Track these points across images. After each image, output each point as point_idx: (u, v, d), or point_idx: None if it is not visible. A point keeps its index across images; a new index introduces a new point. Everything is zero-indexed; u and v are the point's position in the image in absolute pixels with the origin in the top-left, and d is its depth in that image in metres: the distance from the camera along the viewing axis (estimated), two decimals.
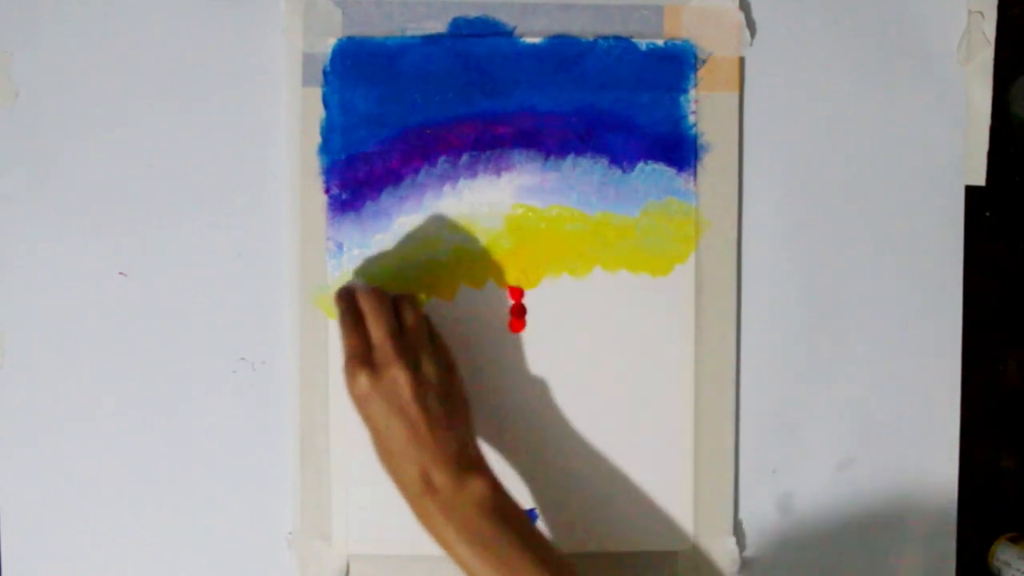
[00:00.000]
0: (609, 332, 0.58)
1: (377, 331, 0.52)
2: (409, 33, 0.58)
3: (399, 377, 0.51)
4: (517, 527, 0.51)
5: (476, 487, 0.51)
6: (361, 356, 0.52)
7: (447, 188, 0.58)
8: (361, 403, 0.52)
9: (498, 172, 0.58)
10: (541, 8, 0.58)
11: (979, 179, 0.61)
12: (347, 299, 0.54)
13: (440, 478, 0.51)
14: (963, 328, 0.60)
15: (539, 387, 0.58)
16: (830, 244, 0.60)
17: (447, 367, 0.54)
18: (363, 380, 0.52)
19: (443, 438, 0.52)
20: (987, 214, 0.61)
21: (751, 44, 0.59)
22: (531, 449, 0.58)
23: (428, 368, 0.53)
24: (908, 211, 0.60)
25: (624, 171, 0.59)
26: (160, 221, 0.58)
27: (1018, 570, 0.59)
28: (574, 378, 0.59)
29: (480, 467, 0.53)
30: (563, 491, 0.58)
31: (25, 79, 0.58)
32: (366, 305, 0.53)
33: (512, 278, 0.58)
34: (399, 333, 0.53)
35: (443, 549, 0.52)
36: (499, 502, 0.52)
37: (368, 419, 0.52)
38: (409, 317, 0.54)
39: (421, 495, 0.51)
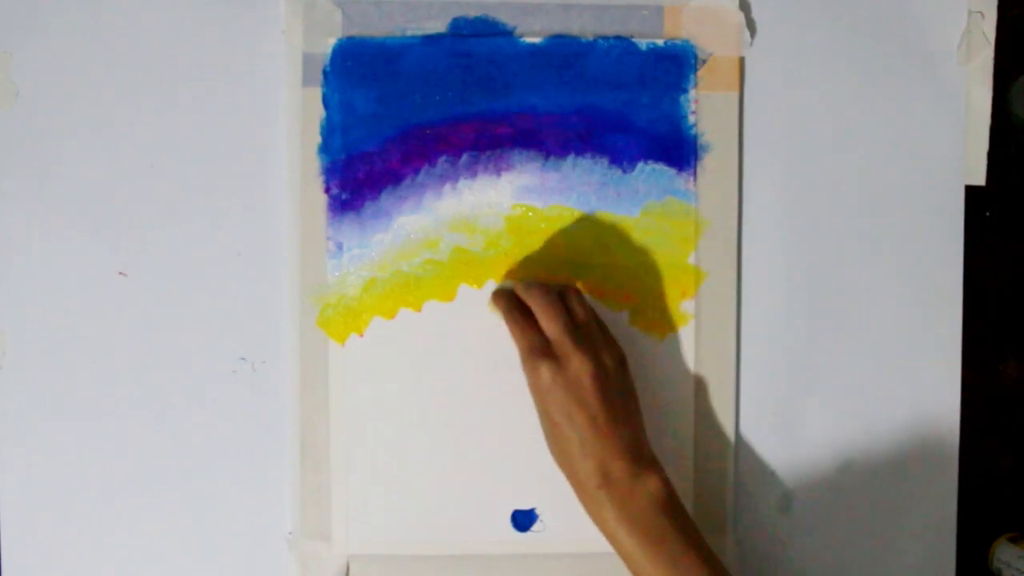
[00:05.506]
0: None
1: (553, 325, 0.52)
2: (409, 33, 0.58)
3: (582, 368, 0.51)
4: (687, 527, 0.52)
5: (652, 483, 0.51)
6: (541, 349, 0.52)
7: (447, 188, 0.58)
8: (542, 395, 0.52)
9: (498, 172, 0.58)
10: (541, 8, 0.58)
11: (979, 179, 0.61)
12: (509, 297, 0.55)
13: (617, 472, 0.51)
14: (963, 328, 0.60)
15: None
16: (830, 244, 0.60)
17: (620, 360, 0.54)
18: (545, 372, 0.52)
19: (621, 431, 0.52)
20: (987, 214, 0.61)
21: (751, 44, 0.59)
22: (531, 449, 0.58)
23: (606, 360, 0.53)
24: (908, 211, 0.60)
25: (624, 171, 0.59)
26: (160, 221, 0.58)
27: (1018, 570, 0.59)
28: None
29: (655, 464, 0.53)
30: (563, 490, 0.58)
31: (25, 79, 0.58)
32: (536, 301, 0.53)
33: (512, 278, 0.58)
34: (574, 326, 0.53)
35: (611, 543, 0.52)
36: (673, 500, 0.52)
37: (547, 411, 0.52)
38: (579, 310, 0.54)
39: (597, 488, 0.51)
